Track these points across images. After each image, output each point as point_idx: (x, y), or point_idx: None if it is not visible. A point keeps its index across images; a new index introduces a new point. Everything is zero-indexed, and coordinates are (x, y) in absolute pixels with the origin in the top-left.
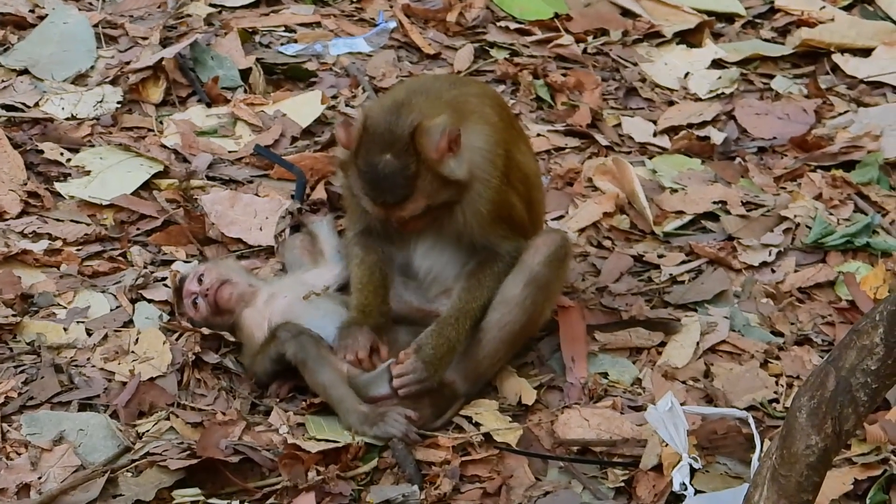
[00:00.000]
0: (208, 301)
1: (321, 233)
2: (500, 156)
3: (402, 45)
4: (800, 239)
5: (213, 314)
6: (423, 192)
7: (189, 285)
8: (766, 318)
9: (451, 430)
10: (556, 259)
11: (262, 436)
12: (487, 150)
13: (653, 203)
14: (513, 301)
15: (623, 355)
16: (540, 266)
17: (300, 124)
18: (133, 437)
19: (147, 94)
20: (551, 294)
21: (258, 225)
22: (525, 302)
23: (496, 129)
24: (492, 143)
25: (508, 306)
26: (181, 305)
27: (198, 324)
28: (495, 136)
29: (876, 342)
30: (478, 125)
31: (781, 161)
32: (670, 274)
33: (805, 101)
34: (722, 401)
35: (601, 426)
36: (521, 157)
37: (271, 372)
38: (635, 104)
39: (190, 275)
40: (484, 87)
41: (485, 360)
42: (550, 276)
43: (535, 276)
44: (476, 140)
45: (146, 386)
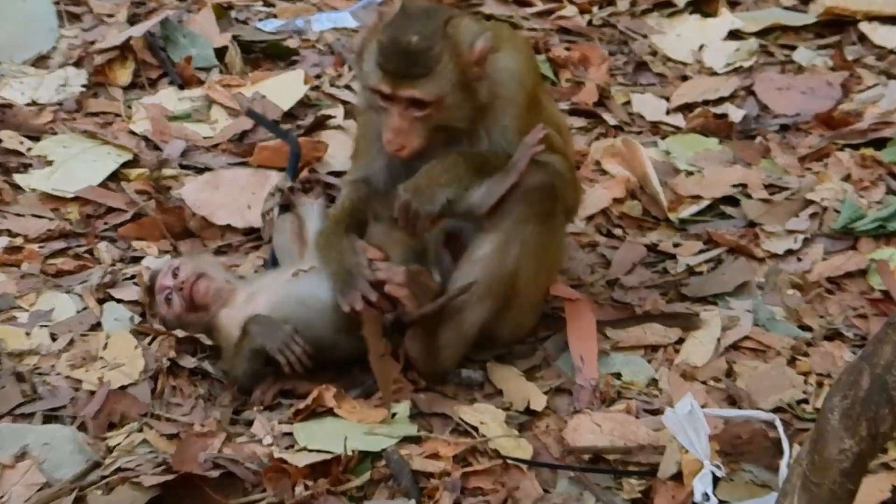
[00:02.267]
0: (183, 296)
1: (310, 221)
2: (529, 79)
3: None
4: (828, 224)
5: (188, 310)
6: (442, 78)
7: (162, 279)
8: (793, 312)
9: (450, 432)
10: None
11: (244, 448)
12: (517, 71)
13: (667, 187)
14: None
15: (637, 354)
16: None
17: (281, 107)
18: (103, 451)
19: (114, 76)
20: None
21: (246, 203)
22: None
23: (529, 57)
24: (523, 68)
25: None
26: (153, 304)
27: (171, 323)
28: (526, 64)
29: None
30: (510, 52)
31: (806, 139)
32: (687, 264)
33: (830, 73)
34: (746, 402)
35: (614, 432)
36: (550, 107)
37: (251, 373)
38: (646, 80)
39: (164, 269)
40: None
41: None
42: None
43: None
44: (508, 63)
45: (116, 395)
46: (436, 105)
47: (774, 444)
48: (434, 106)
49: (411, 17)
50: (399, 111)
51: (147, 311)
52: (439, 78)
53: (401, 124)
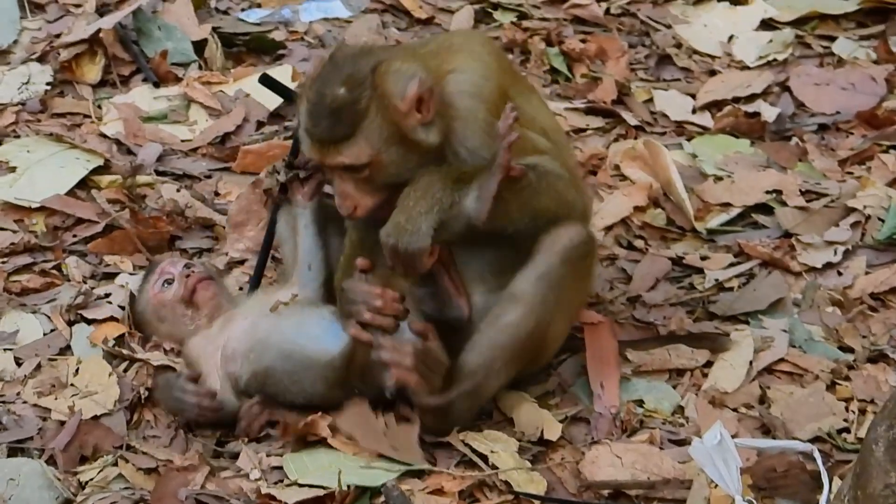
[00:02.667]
0: (186, 285)
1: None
2: (491, 88)
3: (387, 7)
4: (871, 234)
5: (181, 301)
6: (371, 137)
7: (169, 266)
8: (833, 331)
9: (455, 464)
10: (575, 256)
11: (229, 483)
12: (471, 87)
13: (693, 194)
14: (521, 297)
15: (661, 378)
16: (557, 259)
17: (266, 107)
18: (74, 486)
19: (82, 72)
20: (567, 301)
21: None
22: (535, 301)
23: (488, 66)
24: (479, 78)
25: (514, 303)
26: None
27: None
28: (485, 72)
29: None
30: (463, 63)
31: (847, 140)
32: (716, 279)
33: (873, 67)
34: (781, 431)
35: (636, 465)
36: (532, 109)
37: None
38: (669, 75)
39: (174, 259)
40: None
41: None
42: (567, 276)
43: (549, 270)
44: (457, 82)
45: (89, 425)
46: (373, 166)
47: (812, 478)
48: (371, 167)
49: (338, 68)
50: (339, 175)
51: (129, 314)
52: (368, 136)
53: (344, 188)
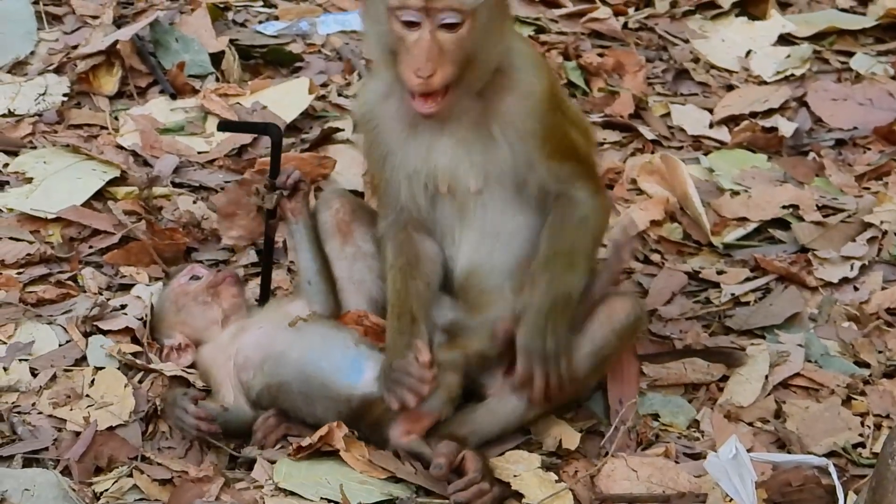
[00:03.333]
0: (214, 280)
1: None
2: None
3: None
4: (888, 250)
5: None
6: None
7: (199, 267)
8: (849, 346)
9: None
10: (629, 329)
11: (243, 494)
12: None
13: (710, 208)
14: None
15: (677, 392)
16: (612, 335)
17: (284, 118)
18: (89, 497)
19: (99, 84)
20: (608, 364)
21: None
22: (583, 376)
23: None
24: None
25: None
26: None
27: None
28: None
29: None
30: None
31: (864, 156)
32: (732, 294)
33: (891, 83)
34: (797, 446)
35: (652, 478)
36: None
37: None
38: (687, 89)
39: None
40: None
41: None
42: (618, 348)
43: (603, 346)
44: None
45: (104, 436)
46: (468, 26)
47: (828, 492)
48: (465, 26)
49: None
50: (429, 31)
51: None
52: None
53: (431, 48)
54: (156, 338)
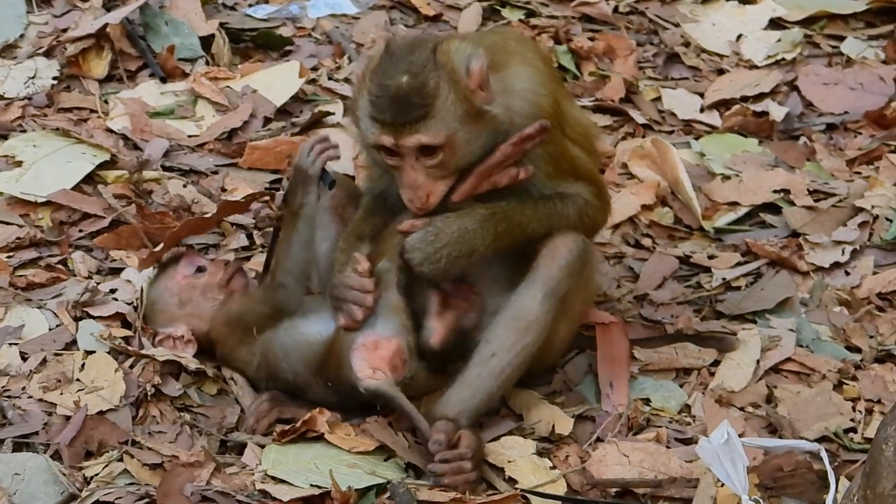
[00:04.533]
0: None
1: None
2: (546, 97)
3: (394, 4)
4: (878, 234)
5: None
6: (446, 115)
7: (196, 257)
8: (840, 331)
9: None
10: (576, 264)
11: (234, 479)
12: (531, 91)
13: (701, 193)
14: (530, 318)
15: (668, 377)
16: (560, 273)
17: (274, 102)
18: (80, 482)
19: (89, 67)
20: (572, 309)
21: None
22: (543, 319)
23: (541, 72)
24: (536, 84)
25: (524, 325)
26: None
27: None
28: (539, 78)
29: None
30: (519, 67)
31: (855, 140)
32: (723, 278)
33: (883, 67)
34: (788, 431)
35: (643, 463)
36: (575, 111)
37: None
38: (678, 73)
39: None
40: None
41: (495, 391)
42: (572, 287)
43: (554, 286)
44: (517, 82)
45: (94, 421)
46: (448, 146)
47: (819, 478)
48: (446, 148)
49: (396, 57)
50: (410, 164)
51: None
52: (444, 114)
53: (416, 178)
54: (148, 325)
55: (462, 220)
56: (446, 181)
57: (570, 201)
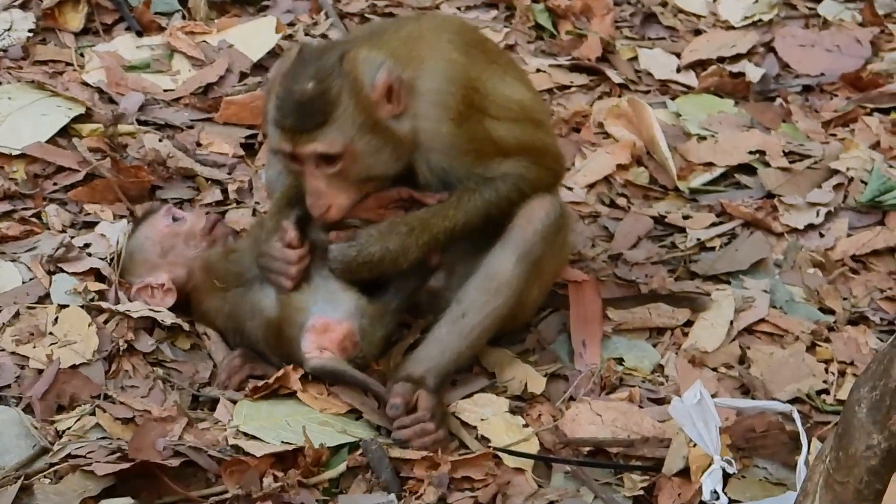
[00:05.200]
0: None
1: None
2: (453, 95)
3: None
4: (853, 196)
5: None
6: (344, 125)
7: (176, 210)
8: (814, 293)
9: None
10: (552, 228)
11: (206, 434)
12: (437, 92)
13: (676, 153)
14: (502, 280)
15: (642, 337)
16: (534, 237)
17: (250, 57)
18: (52, 435)
19: (65, 20)
20: (545, 272)
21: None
22: (516, 282)
23: (452, 65)
24: (444, 82)
25: (496, 286)
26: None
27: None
28: (449, 73)
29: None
30: (429, 63)
31: (831, 102)
32: (698, 239)
33: (859, 29)
34: (761, 392)
35: (616, 423)
36: (505, 88)
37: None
38: (655, 33)
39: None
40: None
41: (465, 350)
42: (546, 250)
43: (528, 249)
44: (425, 82)
45: (67, 374)
46: (347, 156)
47: (791, 439)
48: (345, 158)
49: (306, 62)
50: (311, 171)
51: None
52: (342, 124)
53: (317, 185)
54: (126, 277)
55: (384, 240)
56: (349, 193)
57: (501, 182)
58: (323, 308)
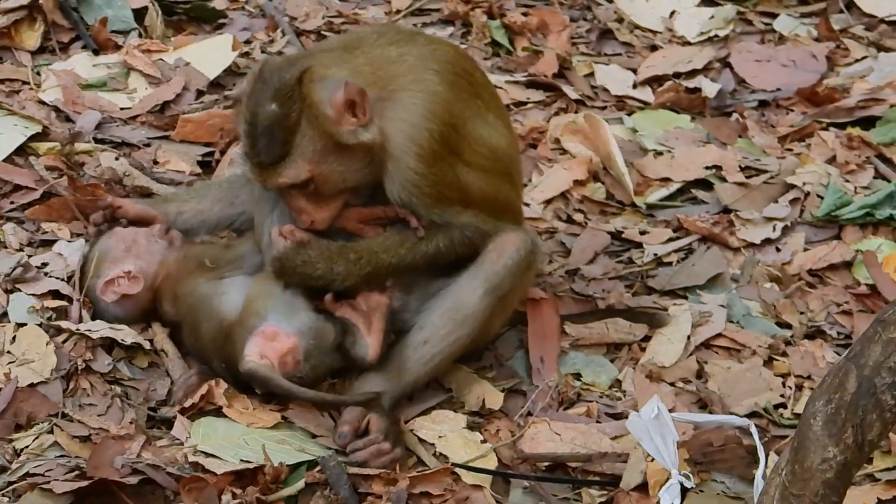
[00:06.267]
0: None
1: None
2: (427, 135)
3: None
4: (810, 211)
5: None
6: (306, 152)
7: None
8: (771, 307)
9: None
10: (522, 265)
11: (164, 452)
12: (412, 126)
13: (633, 169)
14: (468, 311)
15: (599, 352)
16: (504, 271)
17: (207, 75)
18: (10, 453)
19: (21, 39)
20: (510, 305)
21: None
22: (481, 314)
23: (433, 99)
24: (420, 118)
25: (461, 317)
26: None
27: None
28: (427, 109)
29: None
30: (408, 93)
31: (787, 117)
32: (655, 254)
33: (815, 44)
34: (718, 406)
35: (574, 438)
36: (482, 130)
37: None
38: (611, 49)
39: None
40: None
41: (423, 377)
42: (514, 284)
43: (497, 283)
44: (400, 111)
45: (24, 393)
46: (317, 178)
47: (749, 453)
48: (315, 180)
49: (266, 83)
50: (287, 194)
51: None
52: (303, 152)
53: (297, 204)
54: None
55: (332, 261)
56: (330, 205)
57: (457, 232)
58: (278, 318)
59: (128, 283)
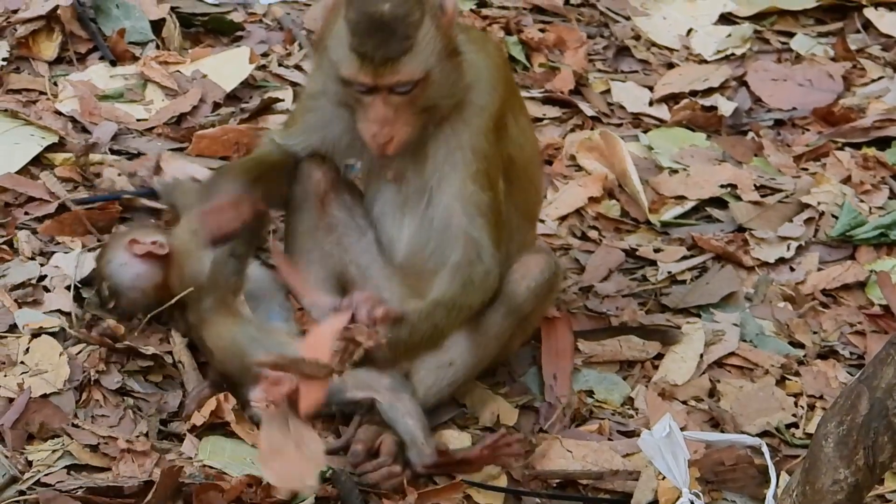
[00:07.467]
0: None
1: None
2: (494, 101)
3: None
4: (824, 231)
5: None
6: (425, 51)
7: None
8: (784, 326)
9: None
10: (545, 287)
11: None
12: (489, 74)
13: (648, 186)
14: (490, 332)
15: (612, 370)
16: (527, 293)
17: (223, 87)
18: (22, 464)
19: (38, 49)
20: (531, 327)
21: None
22: (504, 335)
23: (498, 72)
24: (492, 70)
25: (485, 340)
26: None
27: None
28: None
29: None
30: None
31: (802, 137)
32: (669, 272)
33: (831, 64)
34: (730, 425)
35: (586, 456)
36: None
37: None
38: (627, 66)
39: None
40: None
41: (446, 397)
42: (536, 307)
43: (520, 304)
44: (479, 59)
45: (37, 404)
46: (422, 83)
47: (760, 472)
48: (420, 84)
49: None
50: (382, 97)
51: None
52: (424, 49)
53: (384, 114)
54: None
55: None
56: (407, 126)
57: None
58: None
59: (156, 246)
